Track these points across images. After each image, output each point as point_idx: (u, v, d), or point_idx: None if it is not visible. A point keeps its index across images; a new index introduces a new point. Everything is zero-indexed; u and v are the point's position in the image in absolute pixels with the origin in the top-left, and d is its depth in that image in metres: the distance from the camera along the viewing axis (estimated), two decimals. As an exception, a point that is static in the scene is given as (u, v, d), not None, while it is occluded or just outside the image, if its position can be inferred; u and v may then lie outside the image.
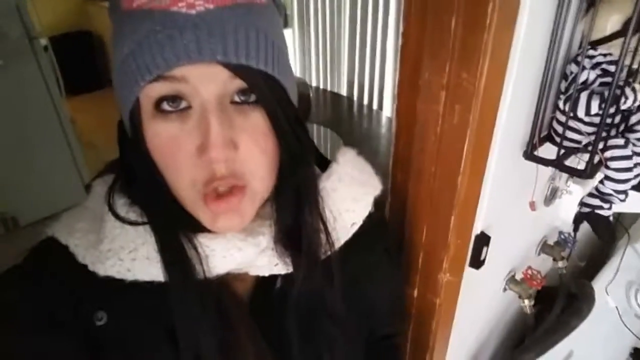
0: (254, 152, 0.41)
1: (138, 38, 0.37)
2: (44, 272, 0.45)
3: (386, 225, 0.64)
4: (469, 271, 0.78)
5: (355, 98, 2.93)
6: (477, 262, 0.77)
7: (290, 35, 3.30)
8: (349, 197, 0.52)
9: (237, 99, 0.40)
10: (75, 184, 2.42)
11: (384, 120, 2.33)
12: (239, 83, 0.39)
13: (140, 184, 0.44)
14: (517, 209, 0.85)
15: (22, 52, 2.06)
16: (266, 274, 0.48)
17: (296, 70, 3.34)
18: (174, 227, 0.44)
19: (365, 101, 2.89)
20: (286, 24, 3.28)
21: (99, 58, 3.85)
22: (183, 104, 0.39)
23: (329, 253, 0.49)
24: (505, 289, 0.97)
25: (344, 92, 3.03)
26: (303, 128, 0.46)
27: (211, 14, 0.37)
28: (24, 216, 2.34)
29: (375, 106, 2.79)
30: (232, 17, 0.38)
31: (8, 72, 2.01)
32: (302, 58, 3.31)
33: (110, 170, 0.49)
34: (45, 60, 2.16)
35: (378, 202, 0.56)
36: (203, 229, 0.44)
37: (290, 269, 0.48)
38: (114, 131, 0.47)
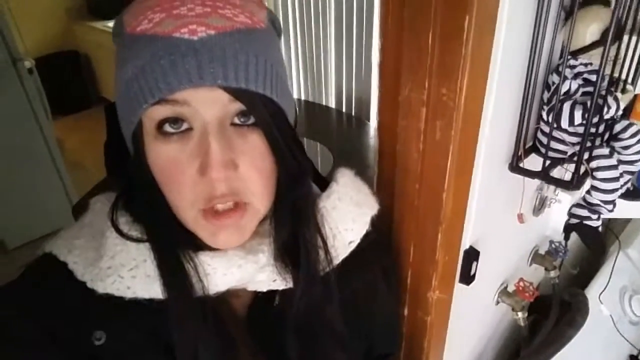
0: (252, 172, 0.42)
1: (141, 62, 0.38)
2: (42, 289, 0.45)
3: (383, 245, 0.65)
4: (459, 287, 0.76)
5: (343, 109, 2.92)
6: (467, 278, 0.75)
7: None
8: (348, 216, 0.53)
9: (236, 121, 0.42)
10: (63, 205, 2.39)
11: (372, 131, 2.33)
12: (238, 106, 0.40)
13: (142, 203, 0.45)
14: (505, 221, 0.84)
15: (6, 75, 2.04)
16: (264, 290, 0.49)
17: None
18: (174, 244, 0.44)
19: (354, 112, 2.89)
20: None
21: (87, 78, 3.83)
22: (184, 126, 0.41)
23: (327, 270, 0.50)
24: (497, 302, 0.96)
25: (331, 103, 3.03)
26: (300, 148, 0.47)
27: (212, 40, 0.38)
28: (12, 239, 2.31)
29: (362, 117, 2.79)
30: (232, 42, 0.39)
31: (-8, 95, 2.00)
32: (288, 71, 3.32)
33: (98, 192, 0.49)
34: (30, 83, 2.14)
35: (375, 222, 0.56)
36: (203, 247, 0.45)
37: (289, 285, 0.48)
38: (102, 151, 0.48)
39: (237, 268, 0.45)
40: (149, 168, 0.42)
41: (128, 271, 0.43)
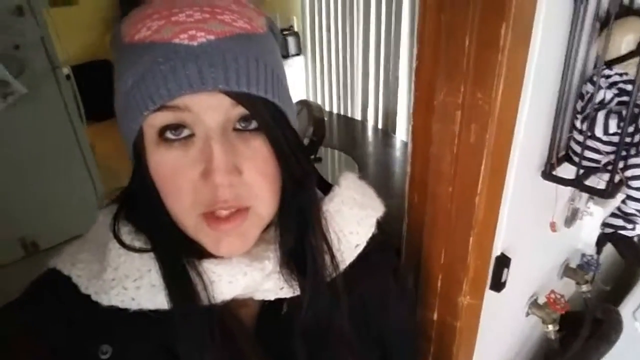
0: (256, 178, 0.42)
1: (141, 70, 0.38)
2: (46, 305, 0.45)
3: (391, 248, 0.63)
4: (489, 294, 0.76)
5: (369, 122, 2.94)
6: (497, 285, 0.75)
7: (303, 62, 3.37)
8: (352, 219, 0.52)
9: (239, 126, 0.41)
10: (93, 208, 2.39)
11: (398, 143, 2.33)
12: (240, 110, 0.40)
13: (144, 212, 0.45)
14: (537, 229, 0.83)
15: (46, 81, 2.13)
16: (272, 298, 0.48)
17: (309, 95, 3.39)
18: (178, 253, 0.44)
19: (380, 125, 2.91)
20: (299, 50, 3.35)
21: (119, 86, 3.96)
22: (186, 132, 0.40)
23: (334, 275, 0.49)
24: (528, 314, 0.95)
25: (357, 116, 3.06)
26: (304, 152, 0.47)
27: (212, 45, 0.38)
28: (44, 240, 2.37)
29: (389, 129, 2.80)
30: (232, 47, 0.39)
31: (32, 100, 2.08)
32: (314, 83, 3.36)
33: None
34: (67, 89, 2.23)
35: (381, 225, 0.55)
36: (208, 255, 0.44)
37: (296, 292, 0.47)
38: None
39: (243, 275, 0.44)
40: (150, 176, 0.42)
41: (132, 282, 0.42)
